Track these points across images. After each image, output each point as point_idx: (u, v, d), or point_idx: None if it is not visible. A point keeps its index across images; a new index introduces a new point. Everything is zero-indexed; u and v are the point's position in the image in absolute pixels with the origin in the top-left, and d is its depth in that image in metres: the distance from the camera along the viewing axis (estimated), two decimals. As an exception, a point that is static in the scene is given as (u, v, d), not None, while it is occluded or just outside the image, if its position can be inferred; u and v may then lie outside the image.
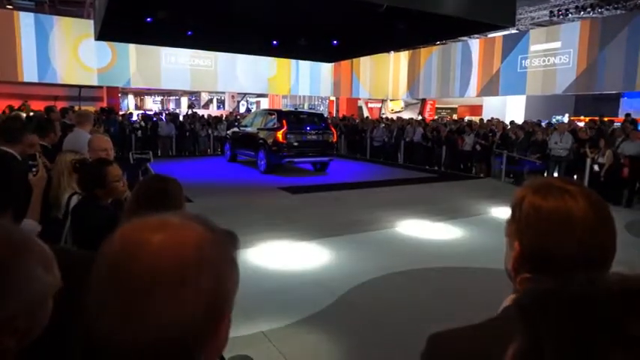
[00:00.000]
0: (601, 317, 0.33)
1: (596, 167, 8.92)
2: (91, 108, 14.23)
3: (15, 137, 2.96)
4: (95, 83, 17.24)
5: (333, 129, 12.33)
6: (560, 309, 0.35)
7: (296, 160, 11.25)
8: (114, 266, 0.54)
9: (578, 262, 0.73)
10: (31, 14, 15.68)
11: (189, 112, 19.69)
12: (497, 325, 0.75)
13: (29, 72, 15.59)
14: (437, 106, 24.44)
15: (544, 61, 16.18)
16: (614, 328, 0.32)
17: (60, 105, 12.19)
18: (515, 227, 0.81)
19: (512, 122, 13.38)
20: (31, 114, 10.49)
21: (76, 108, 12.23)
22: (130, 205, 1.79)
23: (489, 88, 18.35)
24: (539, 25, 17.37)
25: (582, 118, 15.43)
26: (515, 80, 17.21)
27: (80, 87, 17.75)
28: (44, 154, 3.41)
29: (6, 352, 0.69)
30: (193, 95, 28.60)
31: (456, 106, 24.46)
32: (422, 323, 3.45)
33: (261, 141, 11.37)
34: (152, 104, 28.13)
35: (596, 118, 13.09)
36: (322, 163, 11.76)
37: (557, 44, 15.74)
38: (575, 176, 9.84)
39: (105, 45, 15.77)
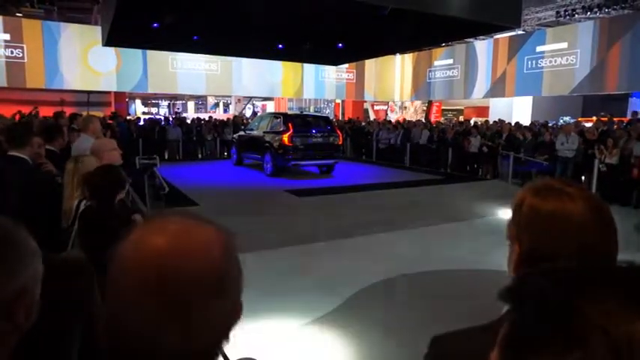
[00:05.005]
0: (576, 281, 0.37)
1: (602, 167, 8.82)
2: (98, 113, 14.34)
3: (22, 142, 3.02)
4: (113, 88, 17.42)
5: (338, 131, 12.34)
6: (540, 278, 0.38)
7: (302, 162, 11.26)
8: (148, 276, 0.54)
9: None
10: (40, 21, 15.89)
11: (183, 115, 19.85)
12: (499, 326, 0.75)
13: (38, 78, 15.78)
14: (443, 107, 24.37)
15: (551, 61, 16.08)
16: (583, 290, 0.35)
17: (69, 111, 12.31)
18: (516, 230, 0.80)
19: (516, 123, 13.32)
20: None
21: (84, 113, 12.34)
22: None
23: (499, 89, 18.22)
24: (547, 25, 17.26)
25: (590, 118, 15.29)
26: (526, 81, 17.07)
27: (88, 92, 17.91)
28: (52, 159, 3.47)
29: (19, 329, 0.70)
30: (200, 99, 28.73)
31: (462, 107, 24.37)
32: (428, 326, 3.43)
33: (267, 144, 11.39)
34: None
35: (604, 118, 12.95)
36: (328, 165, 11.77)
37: (564, 44, 15.65)
38: (582, 177, 9.75)
39: (117, 50, 15.93)
